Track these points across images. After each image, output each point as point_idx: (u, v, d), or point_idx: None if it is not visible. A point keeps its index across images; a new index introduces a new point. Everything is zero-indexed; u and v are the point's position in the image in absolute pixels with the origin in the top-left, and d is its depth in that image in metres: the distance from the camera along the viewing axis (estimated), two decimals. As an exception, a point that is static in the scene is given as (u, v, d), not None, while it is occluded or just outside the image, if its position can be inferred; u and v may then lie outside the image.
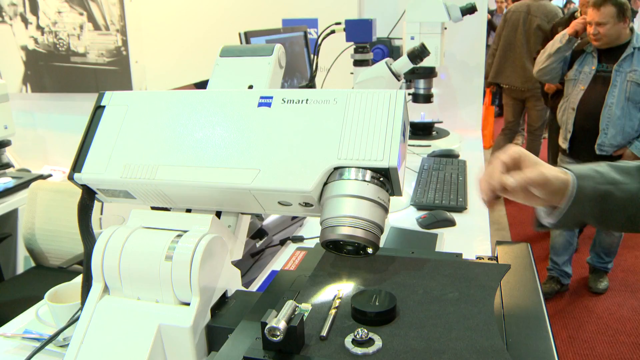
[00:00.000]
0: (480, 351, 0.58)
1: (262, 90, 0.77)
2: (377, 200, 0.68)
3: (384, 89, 0.72)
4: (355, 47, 1.81)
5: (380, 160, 0.68)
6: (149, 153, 0.76)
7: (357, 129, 0.70)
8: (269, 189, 0.70)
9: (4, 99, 2.61)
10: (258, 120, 0.74)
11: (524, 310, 0.67)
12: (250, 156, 0.72)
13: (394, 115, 0.70)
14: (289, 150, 0.71)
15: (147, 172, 0.75)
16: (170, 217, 0.79)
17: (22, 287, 2.45)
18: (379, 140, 0.69)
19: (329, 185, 0.70)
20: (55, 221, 2.51)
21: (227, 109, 0.77)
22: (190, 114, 0.78)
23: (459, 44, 2.85)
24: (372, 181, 0.68)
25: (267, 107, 0.75)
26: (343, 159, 0.69)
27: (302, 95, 0.75)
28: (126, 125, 0.79)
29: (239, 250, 0.85)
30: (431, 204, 1.76)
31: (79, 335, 0.72)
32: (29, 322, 1.17)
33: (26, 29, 3.29)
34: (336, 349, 0.60)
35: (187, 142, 0.76)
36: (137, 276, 0.72)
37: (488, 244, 1.55)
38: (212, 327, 0.73)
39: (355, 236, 0.66)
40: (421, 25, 2.34)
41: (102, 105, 0.82)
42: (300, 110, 0.74)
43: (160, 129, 0.78)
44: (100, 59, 3.23)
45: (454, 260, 0.81)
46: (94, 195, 0.82)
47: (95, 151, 0.79)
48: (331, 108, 0.73)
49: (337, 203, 0.68)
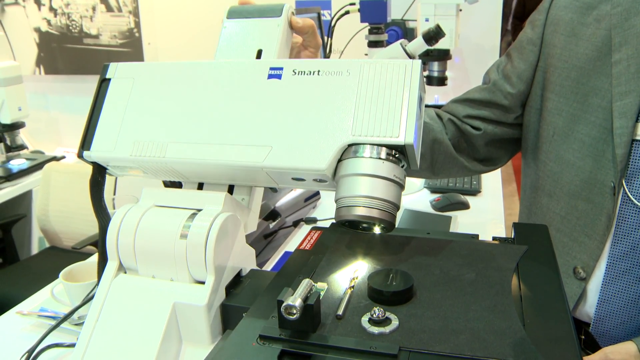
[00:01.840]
0: (498, 332, 0.58)
1: (272, 61, 0.75)
2: (393, 179, 0.67)
3: (399, 59, 0.70)
4: (370, 28, 1.79)
5: (396, 137, 0.65)
6: (158, 129, 0.75)
7: (372, 102, 0.68)
8: (281, 167, 0.69)
9: (18, 81, 2.62)
10: (268, 94, 0.72)
11: (542, 292, 0.66)
12: (262, 132, 0.70)
13: (410, 88, 0.67)
14: (302, 126, 0.69)
15: (157, 150, 0.74)
16: (183, 195, 0.77)
17: (37, 267, 2.48)
18: (394, 115, 0.66)
19: (343, 162, 0.68)
20: (68, 202, 2.53)
21: (236, 81, 0.74)
22: (198, 87, 0.75)
23: (474, 27, 2.82)
24: (388, 158, 0.66)
25: (278, 79, 0.72)
26: (357, 135, 0.67)
27: (313, 67, 0.72)
28: (133, 100, 0.78)
29: (253, 223, 0.84)
30: (445, 187, 1.75)
31: (94, 313, 0.72)
32: (45, 300, 1.19)
33: (39, 10, 3.30)
34: (352, 328, 0.59)
35: (196, 117, 0.74)
36: (152, 254, 0.72)
37: (502, 227, 1.54)
38: (226, 306, 0.72)
39: (371, 217, 0.65)
40: (436, 6, 2.30)
41: (107, 78, 0.80)
42: (312, 82, 0.71)
43: (168, 103, 0.76)
44: (113, 41, 3.23)
45: (470, 241, 0.80)
46: (104, 171, 0.81)
47: (103, 128, 0.78)
48: (344, 80, 0.70)
49: (352, 182, 0.66)
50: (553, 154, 1.11)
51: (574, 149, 1.07)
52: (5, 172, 2.60)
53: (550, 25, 1.11)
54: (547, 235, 0.80)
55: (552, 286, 0.67)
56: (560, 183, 1.10)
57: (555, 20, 1.11)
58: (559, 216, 1.11)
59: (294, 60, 0.74)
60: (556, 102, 1.09)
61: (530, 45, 1.15)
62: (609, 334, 1.07)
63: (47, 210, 2.58)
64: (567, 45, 1.08)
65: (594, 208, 1.05)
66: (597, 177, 1.04)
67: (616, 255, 1.03)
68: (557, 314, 0.61)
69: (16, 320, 1.14)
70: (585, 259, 1.07)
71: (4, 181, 2.54)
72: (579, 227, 1.08)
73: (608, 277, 1.04)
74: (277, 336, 0.58)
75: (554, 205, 1.12)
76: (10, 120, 2.60)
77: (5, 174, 2.58)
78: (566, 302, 0.63)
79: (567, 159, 1.08)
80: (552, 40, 1.11)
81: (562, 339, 0.57)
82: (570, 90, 1.07)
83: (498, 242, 0.80)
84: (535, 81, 1.14)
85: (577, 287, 1.09)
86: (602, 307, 1.06)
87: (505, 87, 1.16)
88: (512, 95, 1.16)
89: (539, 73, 1.13)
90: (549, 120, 1.11)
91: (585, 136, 1.04)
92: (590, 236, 1.06)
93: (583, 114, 1.05)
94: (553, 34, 1.11)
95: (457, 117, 1.20)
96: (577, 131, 1.06)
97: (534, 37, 1.14)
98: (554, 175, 1.11)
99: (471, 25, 2.80)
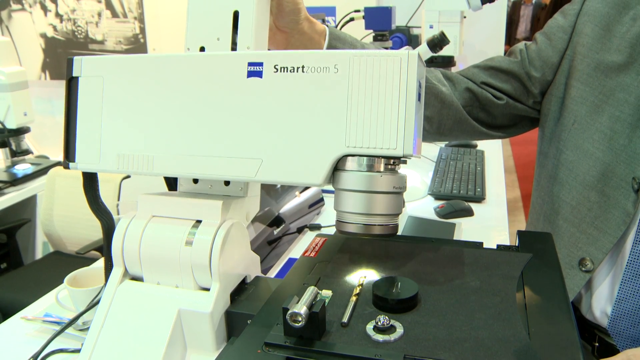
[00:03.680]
0: (503, 340, 0.58)
1: (249, 54, 0.68)
2: (392, 191, 0.64)
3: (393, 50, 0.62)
4: (374, 34, 1.80)
5: (393, 149, 0.61)
6: (140, 139, 0.72)
7: (365, 106, 0.62)
8: (274, 181, 0.67)
9: (24, 86, 2.64)
10: (251, 96, 0.66)
11: (547, 300, 0.66)
12: (249, 143, 0.66)
13: (407, 87, 0.60)
14: (291, 137, 0.65)
15: (143, 163, 0.71)
16: (180, 204, 0.75)
17: (41, 271, 2.49)
18: (390, 123, 0.61)
19: (340, 173, 0.64)
20: (73, 207, 2.54)
21: (214, 81, 0.68)
22: (174, 88, 0.70)
23: (478, 34, 2.83)
24: (386, 171, 0.63)
25: (259, 78, 0.66)
26: (352, 146, 0.62)
27: (296, 61, 0.65)
28: (107, 104, 0.73)
29: (254, 207, 0.83)
30: (449, 194, 1.75)
31: (99, 318, 0.72)
32: (49, 305, 1.19)
33: (45, 16, 3.31)
34: (357, 335, 0.59)
35: (178, 124, 0.70)
36: (157, 261, 0.72)
37: (506, 234, 1.54)
38: (231, 313, 0.73)
39: (371, 233, 0.64)
40: (440, 13, 2.31)
41: (74, 76, 0.75)
42: (297, 81, 0.65)
43: (144, 107, 0.72)
44: (118, 47, 3.25)
45: (474, 249, 0.80)
46: (95, 175, 0.79)
47: (83, 137, 0.75)
48: (332, 78, 0.63)
49: (350, 197, 0.64)
50: (571, 143, 1.10)
51: (594, 139, 1.06)
52: (10, 176, 2.61)
53: (584, 15, 1.11)
54: (552, 243, 0.80)
55: (556, 294, 0.67)
56: (574, 172, 1.09)
57: (591, 11, 1.11)
58: (569, 205, 1.11)
59: (273, 52, 0.67)
60: (581, 90, 1.09)
61: (560, 32, 1.14)
62: (626, 333, 1.06)
63: (52, 215, 2.59)
64: (600, 37, 1.08)
65: (607, 201, 1.05)
66: (615, 171, 1.04)
67: (638, 254, 1.02)
68: (561, 322, 0.61)
69: (21, 326, 1.14)
70: (593, 251, 1.07)
71: (9, 186, 2.55)
72: (588, 218, 1.08)
73: (628, 275, 1.04)
74: (283, 343, 0.58)
75: (565, 194, 1.11)
76: (16, 125, 2.62)
77: (10, 179, 2.58)
78: (571, 310, 0.63)
79: (585, 148, 1.08)
80: (584, 30, 1.10)
81: (567, 347, 0.57)
82: (598, 82, 1.07)
83: (502, 250, 0.80)
84: (561, 69, 1.14)
85: (581, 279, 1.08)
86: (620, 305, 1.05)
87: (530, 69, 1.16)
88: (535, 80, 1.16)
89: (565, 61, 1.13)
90: (571, 108, 1.10)
91: (607, 129, 1.04)
92: (600, 229, 1.06)
93: (607, 107, 1.05)
94: (586, 23, 1.10)
95: (475, 83, 1.19)
96: (599, 122, 1.06)
97: (565, 25, 1.14)
98: (569, 163, 1.11)
99: (475, 32, 2.80)
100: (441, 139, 1.23)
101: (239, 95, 0.67)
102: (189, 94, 0.69)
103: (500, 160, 2.27)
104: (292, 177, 0.65)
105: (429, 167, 2.03)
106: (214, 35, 0.76)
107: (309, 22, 0.96)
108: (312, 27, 0.97)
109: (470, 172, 1.94)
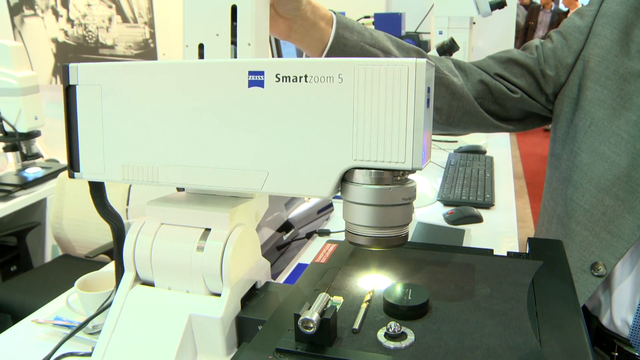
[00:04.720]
0: (514, 348, 0.58)
1: (249, 62, 0.65)
2: (402, 203, 0.63)
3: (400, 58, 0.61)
4: (384, 41, 1.79)
5: (402, 163, 0.59)
6: (142, 150, 0.71)
7: (372, 117, 0.60)
8: (281, 193, 0.66)
9: (35, 90, 2.66)
10: (253, 107, 0.64)
11: (558, 308, 0.66)
12: (254, 155, 0.65)
13: (415, 97, 0.58)
14: (296, 149, 0.63)
15: (148, 174, 0.71)
16: (188, 214, 0.74)
17: (50, 275, 2.50)
18: (398, 136, 0.59)
19: (347, 185, 0.63)
20: (82, 211, 2.55)
21: (215, 90, 0.66)
22: (174, 97, 0.68)
23: (488, 40, 2.83)
24: (395, 184, 0.61)
25: (260, 88, 0.64)
26: (359, 159, 0.61)
27: (299, 69, 0.62)
28: (107, 113, 0.72)
29: (263, 206, 0.83)
30: (458, 200, 1.75)
31: (110, 323, 0.72)
32: (60, 309, 1.19)
33: (57, 21, 3.34)
34: (369, 342, 0.59)
35: (180, 134, 0.69)
36: (168, 267, 0.73)
37: (516, 241, 1.53)
38: (242, 319, 0.73)
39: (381, 245, 0.63)
40: (450, 19, 2.32)
41: (71, 84, 0.73)
42: (300, 92, 0.62)
43: (144, 116, 0.70)
44: (128, 52, 3.27)
45: (485, 256, 0.80)
46: (101, 183, 0.78)
47: (86, 147, 0.74)
48: (336, 88, 0.61)
49: (359, 210, 0.63)
50: (586, 145, 1.09)
51: (610, 142, 1.05)
52: (21, 180, 2.63)
53: (602, 17, 1.10)
54: (562, 250, 0.80)
55: (567, 302, 0.67)
56: (589, 175, 1.08)
57: (609, 13, 1.09)
58: (583, 209, 1.10)
59: (275, 60, 0.64)
60: (598, 92, 1.08)
61: (577, 32, 1.12)
62: None
63: (61, 219, 2.60)
64: (619, 40, 1.07)
65: (622, 206, 1.04)
66: (632, 175, 1.03)
67: None
68: (573, 330, 0.61)
69: (31, 329, 1.14)
70: (606, 256, 1.06)
71: (20, 189, 2.57)
72: (602, 222, 1.07)
73: None
74: (294, 349, 0.58)
75: (579, 197, 1.10)
76: (27, 129, 2.64)
77: (21, 182, 2.60)
78: (582, 318, 0.63)
79: (601, 151, 1.06)
80: (603, 32, 1.09)
81: (578, 355, 0.57)
82: (616, 85, 1.05)
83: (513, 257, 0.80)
84: (575, 70, 1.12)
85: (592, 283, 1.07)
86: None
87: (545, 67, 1.15)
88: (549, 78, 1.14)
89: (580, 62, 1.12)
90: (588, 109, 1.09)
91: (624, 133, 1.03)
92: (613, 234, 1.05)
93: (625, 111, 1.04)
94: (604, 25, 1.09)
95: (490, 75, 1.17)
96: (616, 126, 1.05)
97: (582, 26, 1.12)
98: (584, 166, 1.09)
99: (485, 37, 2.81)
100: (449, 129, 1.21)
101: (241, 106, 0.65)
102: (190, 103, 0.68)
103: (510, 166, 2.26)
104: (299, 190, 0.64)
105: (438, 173, 2.03)
106: (213, 31, 0.74)
107: (312, 6, 0.93)
108: (316, 11, 0.94)
109: (480, 178, 1.93)
